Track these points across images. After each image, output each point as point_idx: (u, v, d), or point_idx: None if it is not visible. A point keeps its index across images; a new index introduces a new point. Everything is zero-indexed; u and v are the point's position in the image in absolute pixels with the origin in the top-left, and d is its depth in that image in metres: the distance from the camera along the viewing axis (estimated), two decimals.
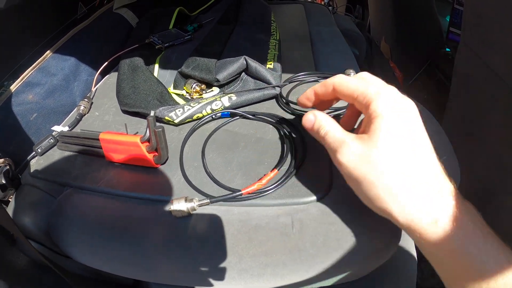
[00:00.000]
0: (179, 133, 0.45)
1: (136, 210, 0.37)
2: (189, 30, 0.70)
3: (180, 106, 0.44)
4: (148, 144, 0.39)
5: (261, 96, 0.47)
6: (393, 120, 0.27)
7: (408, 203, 0.26)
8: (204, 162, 0.39)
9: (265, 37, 0.61)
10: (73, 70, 0.61)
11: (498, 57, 0.65)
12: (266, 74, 0.47)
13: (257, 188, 0.34)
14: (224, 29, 0.65)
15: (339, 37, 0.73)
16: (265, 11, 0.74)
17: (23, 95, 0.52)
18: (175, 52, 0.62)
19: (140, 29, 0.71)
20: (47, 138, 0.46)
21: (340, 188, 0.36)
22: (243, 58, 0.48)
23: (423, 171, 0.26)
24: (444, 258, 0.26)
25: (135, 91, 0.48)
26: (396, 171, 0.26)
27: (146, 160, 0.40)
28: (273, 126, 0.44)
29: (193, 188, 0.37)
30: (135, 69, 0.53)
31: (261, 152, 0.41)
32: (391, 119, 0.27)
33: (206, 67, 0.49)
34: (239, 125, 0.45)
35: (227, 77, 0.48)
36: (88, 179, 0.41)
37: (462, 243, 0.24)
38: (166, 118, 0.44)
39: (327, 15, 0.87)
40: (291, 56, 0.61)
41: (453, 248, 0.25)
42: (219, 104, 0.45)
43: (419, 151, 0.27)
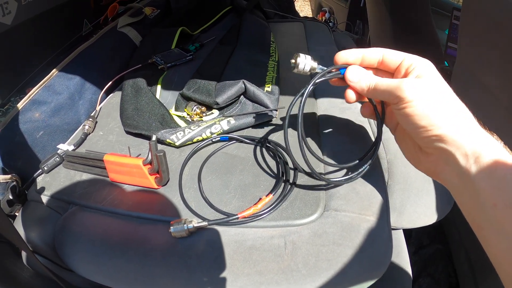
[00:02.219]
0: (179, 155, 0.47)
1: (138, 229, 0.39)
2: (191, 50, 0.72)
3: (181, 129, 0.46)
4: (150, 167, 0.41)
5: (259, 119, 0.49)
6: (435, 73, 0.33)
7: (460, 117, 0.30)
8: (201, 187, 0.41)
9: (264, 58, 0.64)
10: (78, 88, 0.62)
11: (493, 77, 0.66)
12: (264, 98, 0.50)
13: (253, 213, 0.36)
14: (225, 50, 0.68)
15: None
16: (265, 32, 0.76)
17: (30, 113, 0.54)
18: (177, 73, 0.65)
19: (143, 48, 0.74)
20: (53, 157, 0.48)
21: (331, 211, 0.37)
22: (242, 82, 0.50)
23: (461, 104, 0.32)
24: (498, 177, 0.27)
25: (137, 113, 0.50)
26: (449, 96, 0.32)
27: (148, 182, 0.42)
28: (269, 151, 0.46)
29: (191, 211, 0.38)
30: (138, 90, 0.55)
31: (257, 175, 0.43)
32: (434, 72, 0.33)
33: (206, 90, 0.52)
34: (237, 148, 0.47)
35: (226, 100, 0.50)
36: (92, 198, 0.43)
37: None
38: (167, 141, 0.46)
39: (326, 34, 0.90)
40: (289, 76, 0.63)
41: None
42: (218, 127, 0.47)
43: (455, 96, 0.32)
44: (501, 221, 0.25)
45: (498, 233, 0.26)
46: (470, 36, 0.74)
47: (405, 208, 0.50)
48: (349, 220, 0.37)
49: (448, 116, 0.30)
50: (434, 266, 0.82)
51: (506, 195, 0.26)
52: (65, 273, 0.45)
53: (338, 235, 0.35)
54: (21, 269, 0.46)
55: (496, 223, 0.26)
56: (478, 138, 0.29)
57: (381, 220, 0.37)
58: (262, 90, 0.51)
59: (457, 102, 0.32)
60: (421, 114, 0.31)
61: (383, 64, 0.37)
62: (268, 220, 0.37)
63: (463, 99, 0.33)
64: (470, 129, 0.29)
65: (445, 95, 0.31)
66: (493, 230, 0.26)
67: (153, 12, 0.92)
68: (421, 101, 0.31)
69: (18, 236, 0.40)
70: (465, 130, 0.29)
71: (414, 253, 0.85)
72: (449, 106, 0.31)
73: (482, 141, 0.28)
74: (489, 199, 0.26)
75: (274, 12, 1.07)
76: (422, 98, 0.31)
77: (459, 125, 0.29)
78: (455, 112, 0.30)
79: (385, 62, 0.37)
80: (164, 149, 0.48)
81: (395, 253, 0.59)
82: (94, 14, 0.90)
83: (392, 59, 0.36)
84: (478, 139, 0.28)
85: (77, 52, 0.67)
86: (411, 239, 0.87)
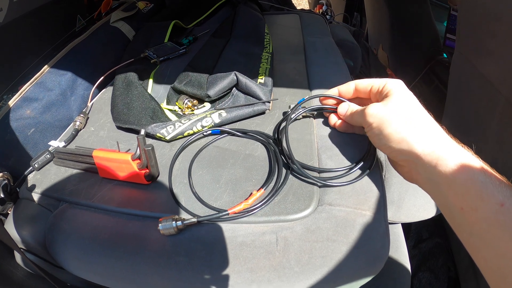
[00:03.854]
0: (170, 149, 0.46)
1: (127, 225, 0.38)
2: (184, 43, 0.71)
3: (172, 123, 0.45)
4: (139, 162, 0.40)
5: (251, 112, 0.48)
6: (401, 90, 0.36)
7: (423, 131, 0.32)
8: (191, 182, 0.40)
9: (258, 50, 0.62)
10: (70, 84, 0.62)
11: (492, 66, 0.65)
12: (256, 90, 0.48)
13: (243, 208, 0.35)
14: (218, 43, 0.66)
15: (334, 48, 0.74)
16: (259, 24, 0.75)
17: (21, 110, 0.53)
18: (169, 67, 0.63)
19: (135, 43, 0.73)
20: (44, 154, 0.47)
21: (325, 206, 0.36)
22: (234, 74, 0.49)
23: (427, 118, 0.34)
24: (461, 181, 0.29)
25: (128, 108, 0.49)
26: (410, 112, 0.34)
27: (137, 177, 0.41)
28: (261, 144, 0.45)
29: (181, 207, 0.37)
30: (129, 84, 0.54)
31: (249, 169, 0.41)
32: (400, 89, 0.36)
33: (198, 82, 0.50)
34: (228, 141, 0.46)
35: (218, 93, 0.49)
36: (82, 195, 0.42)
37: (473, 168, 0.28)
38: (158, 135, 0.45)
39: (323, 25, 0.88)
40: (284, 68, 0.62)
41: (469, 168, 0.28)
42: (209, 120, 0.46)
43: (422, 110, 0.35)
44: (469, 223, 0.28)
45: (469, 234, 0.28)
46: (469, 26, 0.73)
47: (403, 202, 0.49)
48: (344, 215, 0.35)
49: (408, 131, 0.33)
50: (433, 260, 0.81)
51: (470, 199, 0.28)
52: (57, 271, 0.44)
53: (332, 230, 0.34)
54: (16, 268, 0.45)
55: (465, 225, 0.28)
56: (440, 146, 0.31)
57: (377, 214, 0.36)
58: (255, 82, 0.50)
59: (420, 115, 0.34)
60: (380, 135, 0.35)
61: (358, 92, 0.42)
62: (260, 216, 0.36)
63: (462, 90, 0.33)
64: (431, 139, 0.32)
65: (407, 111, 0.34)
66: (464, 232, 0.29)
67: (146, 7, 0.91)
68: (380, 123, 0.35)
69: (8, 235, 0.39)
70: (426, 140, 0.32)
71: (413, 247, 0.84)
72: (409, 122, 0.33)
73: (444, 149, 0.30)
74: (456, 204, 0.29)
75: (269, 4, 1.05)
76: (381, 121, 0.35)
77: (420, 137, 0.32)
78: (417, 125, 0.33)
79: (358, 91, 0.42)
80: (154, 144, 0.47)
81: (394, 248, 0.58)
82: (88, 10, 0.88)
83: (362, 87, 0.41)
84: (440, 148, 0.31)
85: (69, 48, 0.66)
86: (410, 233, 0.86)
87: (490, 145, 0.67)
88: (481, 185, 0.27)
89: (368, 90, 0.40)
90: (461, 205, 0.28)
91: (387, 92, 0.37)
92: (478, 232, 0.27)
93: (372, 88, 0.39)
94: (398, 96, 0.36)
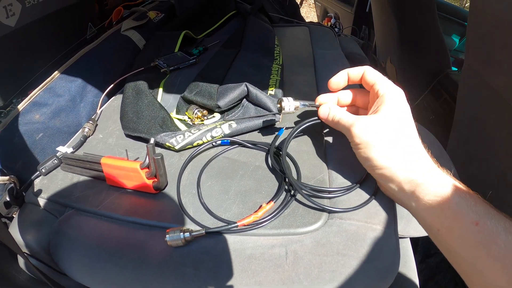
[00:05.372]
0: (179, 159, 0.45)
1: (134, 235, 0.37)
2: (194, 54, 0.71)
3: (181, 133, 0.45)
4: (147, 171, 0.40)
5: (261, 123, 0.48)
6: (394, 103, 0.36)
7: (406, 159, 0.33)
8: (199, 193, 0.40)
9: (268, 62, 0.63)
10: (79, 91, 0.62)
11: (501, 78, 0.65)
12: (267, 101, 0.48)
13: (253, 221, 0.34)
14: (228, 54, 0.67)
15: (343, 61, 0.74)
16: (269, 35, 0.75)
17: (30, 114, 0.53)
18: (179, 76, 0.64)
19: (146, 51, 0.73)
20: (51, 159, 0.47)
21: (335, 219, 0.36)
22: (244, 85, 0.49)
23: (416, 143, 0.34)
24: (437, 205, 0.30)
25: (138, 116, 0.49)
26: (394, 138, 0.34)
27: (145, 186, 0.41)
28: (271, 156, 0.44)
29: (189, 217, 0.37)
30: (139, 93, 0.54)
31: (258, 181, 0.41)
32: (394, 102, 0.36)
33: (208, 93, 0.51)
34: (238, 152, 0.46)
35: (228, 103, 0.49)
36: (89, 202, 0.41)
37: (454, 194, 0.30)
38: (167, 144, 0.45)
39: (332, 38, 0.88)
40: (294, 80, 0.62)
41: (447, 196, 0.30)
42: (219, 131, 0.45)
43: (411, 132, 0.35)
44: (447, 242, 0.30)
45: (448, 252, 0.31)
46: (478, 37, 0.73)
47: (412, 216, 0.48)
48: (355, 229, 0.35)
49: (391, 159, 0.33)
50: (441, 275, 0.80)
51: (446, 220, 0.30)
52: (60, 278, 0.43)
53: (342, 244, 0.34)
54: (18, 272, 0.45)
55: (444, 244, 0.31)
56: (421, 174, 0.32)
57: (388, 228, 0.35)
58: (265, 93, 0.50)
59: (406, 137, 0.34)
60: (364, 157, 0.35)
61: (363, 81, 0.41)
62: (269, 228, 0.35)
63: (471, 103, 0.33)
64: (413, 168, 0.33)
65: (393, 133, 0.34)
66: (444, 249, 0.31)
67: (157, 16, 0.92)
68: (365, 146, 0.34)
69: (12, 239, 0.39)
70: (408, 169, 0.33)
71: (420, 262, 0.83)
72: (394, 147, 0.34)
73: (424, 177, 0.32)
74: (433, 225, 0.31)
75: (279, 16, 1.06)
76: (366, 144, 0.34)
77: (402, 165, 0.33)
78: (400, 151, 0.33)
79: (364, 79, 0.41)
80: (163, 153, 0.47)
81: (402, 262, 0.57)
82: (99, 18, 0.89)
83: (368, 79, 0.40)
84: (420, 176, 0.32)
85: (79, 54, 0.66)
86: (417, 248, 0.85)
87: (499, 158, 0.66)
88: (456, 207, 0.29)
89: (371, 84, 0.39)
90: (438, 226, 0.31)
91: (381, 102, 0.37)
92: (455, 250, 0.29)
93: (374, 86, 0.39)
94: (388, 110, 0.35)
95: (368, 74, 0.40)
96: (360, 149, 0.35)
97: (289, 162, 0.43)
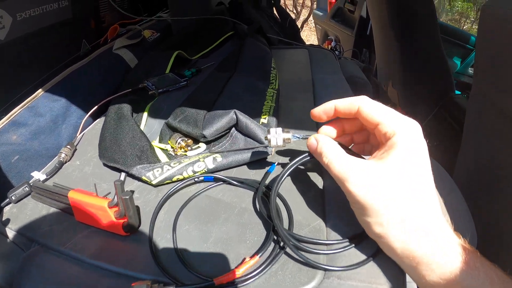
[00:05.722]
0: (156, 195, 0.40)
1: (99, 282, 0.32)
2: (186, 75, 0.67)
3: (159, 166, 0.40)
4: (116, 210, 0.35)
5: (251, 157, 0.42)
6: (409, 159, 0.28)
7: (409, 232, 0.27)
8: (174, 239, 0.34)
9: (263, 85, 0.58)
10: (62, 111, 0.58)
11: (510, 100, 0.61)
12: (258, 131, 0.43)
13: (232, 278, 0.29)
14: (221, 76, 0.62)
15: (344, 86, 0.69)
16: (266, 57, 0.71)
17: (7, 134, 0.49)
18: (167, 100, 0.59)
19: (136, 72, 0.69)
20: (23, 186, 0.42)
21: (333, 279, 0.30)
22: (233, 112, 0.44)
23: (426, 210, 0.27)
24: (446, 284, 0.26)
25: (116, 144, 0.44)
26: (402, 203, 0.27)
27: (114, 227, 0.36)
28: (261, 196, 0.39)
29: (160, 268, 0.31)
30: (120, 117, 0.49)
31: (244, 226, 0.35)
32: (408, 158, 0.28)
33: (193, 120, 0.45)
34: (222, 191, 0.40)
35: (214, 133, 0.44)
36: (55, 238, 0.37)
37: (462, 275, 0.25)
38: (143, 178, 0.40)
39: (332, 61, 0.84)
40: (290, 107, 0.58)
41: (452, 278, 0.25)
42: (202, 165, 0.40)
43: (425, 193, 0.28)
44: None
45: None
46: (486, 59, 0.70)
47: None
48: None
49: (391, 225, 0.27)
50: None
51: None
52: None
53: None
54: None
55: None
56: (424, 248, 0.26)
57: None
58: (257, 122, 0.45)
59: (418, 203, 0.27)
60: (360, 219, 0.30)
61: (362, 119, 0.33)
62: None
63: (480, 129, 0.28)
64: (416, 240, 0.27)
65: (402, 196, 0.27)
66: None
67: (152, 35, 0.89)
68: (363, 209, 0.28)
69: None
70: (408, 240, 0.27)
71: None
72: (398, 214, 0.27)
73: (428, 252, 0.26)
74: None
75: (278, 38, 1.03)
76: (365, 205, 0.28)
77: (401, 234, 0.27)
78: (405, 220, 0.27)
79: (362, 116, 0.32)
80: (140, 188, 0.41)
81: None
82: (95, 35, 0.86)
83: (369, 117, 0.31)
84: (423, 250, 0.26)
85: (66, 72, 0.62)
86: None
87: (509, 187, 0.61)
88: None
89: (374, 123, 0.31)
90: None
91: (391, 146, 0.29)
92: None
93: (380, 125, 0.30)
94: (399, 160, 0.28)
95: (367, 111, 0.31)
96: (356, 208, 0.30)
97: (281, 204, 0.37)
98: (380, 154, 0.30)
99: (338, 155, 0.31)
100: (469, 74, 1.81)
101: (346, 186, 0.29)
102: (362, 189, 0.28)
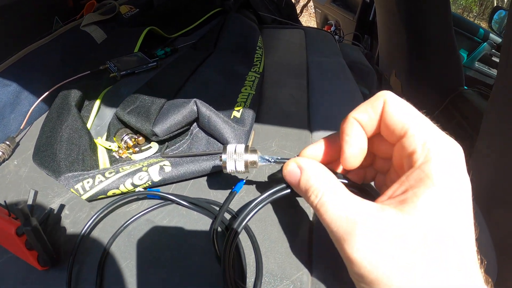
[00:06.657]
0: (88, 214, 0.30)
1: None
2: (157, 55, 0.57)
3: (90, 175, 0.29)
4: (27, 240, 0.25)
5: (212, 166, 0.31)
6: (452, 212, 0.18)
7: None
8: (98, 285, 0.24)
9: (243, 68, 0.47)
10: (11, 99, 0.48)
11: None
12: (224, 130, 0.32)
13: None
14: (195, 56, 0.51)
15: (345, 72, 0.59)
16: (251, 34, 0.60)
17: None
18: (129, 84, 0.48)
19: (98, 51, 0.58)
20: None
21: None
22: (193, 103, 0.33)
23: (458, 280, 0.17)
24: None
25: (49, 142, 0.34)
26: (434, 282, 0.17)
27: (27, 258, 0.26)
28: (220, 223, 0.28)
29: None
30: (63, 108, 0.39)
31: (191, 276, 0.25)
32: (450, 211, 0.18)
33: (145, 111, 0.35)
34: (169, 214, 0.29)
35: (168, 131, 0.33)
36: None
37: None
38: (72, 190, 0.30)
39: (332, 43, 0.73)
40: (276, 96, 0.47)
41: None
42: (145, 177, 0.29)
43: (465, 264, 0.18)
44: None
45: None
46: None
47: None
48: None
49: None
50: None
51: None
52: None
53: None
54: None
55: None
56: None
57: None
58: (224, 117, 0.34)
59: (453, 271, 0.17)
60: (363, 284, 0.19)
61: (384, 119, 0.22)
62: None
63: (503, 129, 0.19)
64: None
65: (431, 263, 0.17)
66: None
67: (130, 11, 0.78)
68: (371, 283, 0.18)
69: None
70: None
71: None
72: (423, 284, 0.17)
73: None
74: None
75: (272, 17, 0.92)
76: (376, 281, 0.18)
77: None
78: None
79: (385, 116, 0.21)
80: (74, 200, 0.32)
81: None
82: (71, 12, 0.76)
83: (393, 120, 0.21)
84: None
85: (22, 54, 0.53)
86: None
87: None
88: None
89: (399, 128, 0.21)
90: None
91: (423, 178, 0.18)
92: None
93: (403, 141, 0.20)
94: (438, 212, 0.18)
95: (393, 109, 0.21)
96: (359, 282, 0.19)
97: (246, 244, 0.26)
98: (402, 193, 0.19)
99: (336, 195, 0.20)
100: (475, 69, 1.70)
101: (346, 250, 0.19)
102: (373, 257, 0.18)
